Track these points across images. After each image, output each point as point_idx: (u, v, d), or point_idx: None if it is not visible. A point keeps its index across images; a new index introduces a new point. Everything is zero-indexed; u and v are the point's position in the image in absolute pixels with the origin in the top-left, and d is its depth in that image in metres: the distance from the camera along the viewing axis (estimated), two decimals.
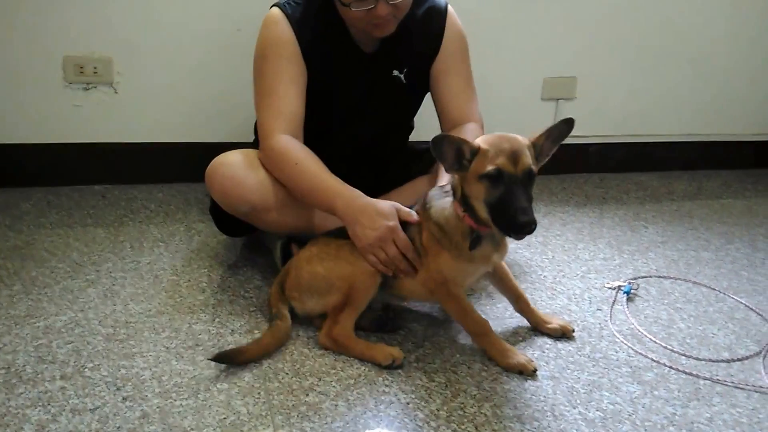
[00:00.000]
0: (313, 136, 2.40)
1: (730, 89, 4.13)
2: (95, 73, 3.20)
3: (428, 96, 2.62)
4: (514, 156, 1.88)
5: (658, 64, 3.94)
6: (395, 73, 2.50)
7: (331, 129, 2.52)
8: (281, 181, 2.28)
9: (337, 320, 2.06)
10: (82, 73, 3.18)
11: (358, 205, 2.11)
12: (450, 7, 2.54)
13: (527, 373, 2.03)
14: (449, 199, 2.05)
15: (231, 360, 1.98)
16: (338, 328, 2.06)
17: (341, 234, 2.16)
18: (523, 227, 1.88)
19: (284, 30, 2.35)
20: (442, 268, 2.06)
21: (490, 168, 1.88)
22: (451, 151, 1.91)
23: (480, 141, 1.94)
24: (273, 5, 2.41)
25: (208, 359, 1.96)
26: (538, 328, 2.28)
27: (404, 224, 2.10)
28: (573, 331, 2.27)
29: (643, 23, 3.83)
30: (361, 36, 2.42)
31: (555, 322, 2.28)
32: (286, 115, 2.31)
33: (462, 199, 1.99)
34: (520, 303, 2.29)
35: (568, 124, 1.98)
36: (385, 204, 2.11)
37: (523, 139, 1.95)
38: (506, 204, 1.88)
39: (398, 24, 2.32)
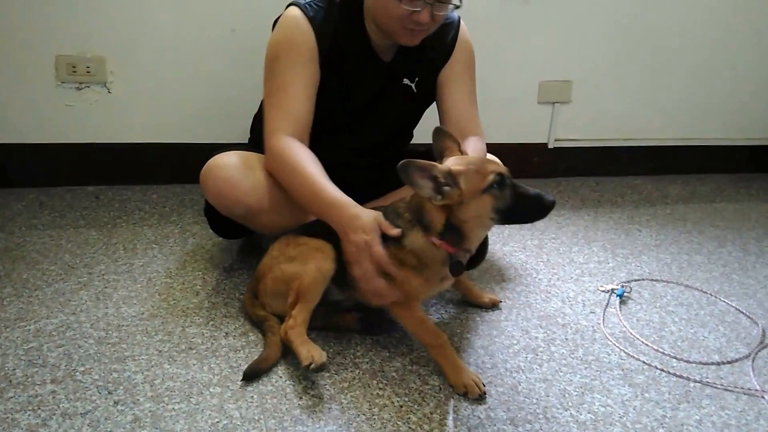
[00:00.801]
0: (318, 137, 2.41)
1: (724, 94, 4.14)
2: (88, 72, 3.19)
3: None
4: (493, 161, 2.01)
5: (653, 68, 3.95)
6: (406, 81, 2.49)
7: (338, 132, 2.51)
8: (279, 182, 2.27)
9: (291, 315, 2.04)
10: (74, 72, 3.18)
11: (346, 216, 2.05)
12: (462, 22, 2.56)
13: (473, 395, 1.95)
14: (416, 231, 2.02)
15: (261, 371, 1.97)
16: (290, 321, 2.02)
17: (310, 229, 2.17)
18: (553, 204, 1.96)
19: (304, 33, 2.32)
20: (409, 289, 2.04)
21: (491, 177, 1.91)
22: (424, 178, 1.91)
23: (451, 165, 1.95)
24: (290, 4, 2.38)
25: (241, 380, 1.94)
26: (471, 301, 2.44)
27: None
28: (500, 302, 2.49)
29: (638, 28, 3.84)
30: (381, 44, 2.42)
31: (486, 297, 2.44)
32: (294, 117, 2.29)
33: (446, 224, 1.98)
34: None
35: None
36: (367, 217, 2.03)
37: None
38: (524, 198, 1.94)
39: None
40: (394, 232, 2.01)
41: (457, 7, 2.28)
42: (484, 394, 1.96)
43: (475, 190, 1.91)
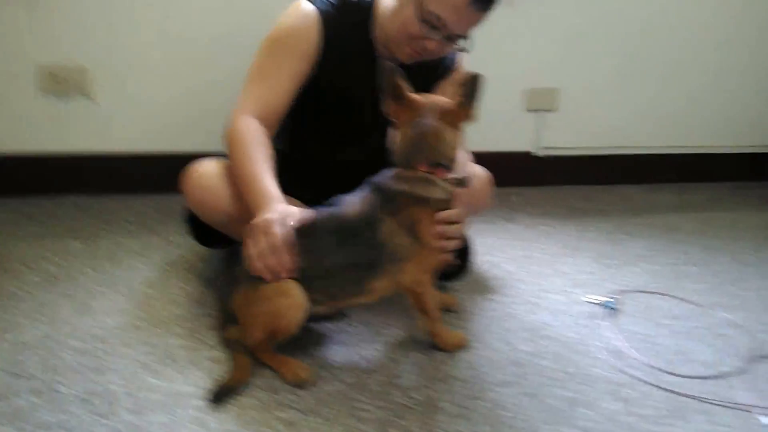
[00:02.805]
0: (319, 140, 2.41)
1: (717, 101, 4.15)
2: (70, 82, 3.19)
3: None
4: None
5: (642, 75, 3.96)
6: None
7: (339, 141, 2.52)
8: (229, 159, 2.27)
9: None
10: (57, 82, 3.17)
11: (265, 207, 2.04)
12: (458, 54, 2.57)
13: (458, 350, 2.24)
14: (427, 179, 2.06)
15: (227, 392, 1.95)
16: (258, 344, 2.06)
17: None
18: None
19: (310, 27, 2.34)
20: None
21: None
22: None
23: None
24: None
25: (210, 400, 1.91)
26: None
27: (376, 214, 2.03)
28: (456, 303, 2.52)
29: (627, 34, 3.86)
30: (387, 55, 2.41)
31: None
32: (266, 104, 2.30)
33: None
34: None
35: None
36: (279, 205, 2.04)
37: None
38: None
39: None
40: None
41: (464, 50, 2.36)
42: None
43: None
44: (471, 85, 2.00)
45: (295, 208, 2.04)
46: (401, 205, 2.02)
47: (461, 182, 2.12)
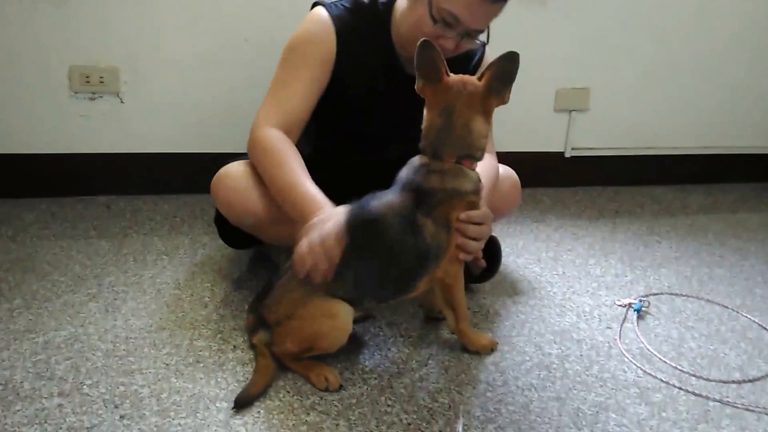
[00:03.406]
0: (337, 144, 2.41)
1: (747, 101, 4.11)
2: (101, 82, 3.21)
3: None
4: None
5: (673, 74, 3.93)
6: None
7: (361, 144, 2.51)
8: (259, 172, 2.27)
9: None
10: (88, 82, 3.19)
11: (317, 213, 2.03)
12: (487, 48, 2.55)
13: (486, 352, 2.24)
14: (456, 170, 2.04)
15: (252, 398, 1.94)
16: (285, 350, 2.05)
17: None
18: None
19: (326, 34, 2.34)
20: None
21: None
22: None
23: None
24: (316, 3, 2.40)
25: (233, 408, 1.90)
26: (431, 313, 2.41)
27: (415, 218, 2.01)
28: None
29: (657, 33, 3.83)
30: (406, 56, 2.42)
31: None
32: (288, 112, 2.30)
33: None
34: None
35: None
36: (332, 209, 2.03)
37: None
38: None
39: None
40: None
41: (484, 44, 2.34)
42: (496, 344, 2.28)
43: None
44: (506, 65, 1.97)
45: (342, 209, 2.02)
46: (435, 203, 2.00)
47: None
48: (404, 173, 2.06)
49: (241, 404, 1.90)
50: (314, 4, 2.41)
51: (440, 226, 2.01)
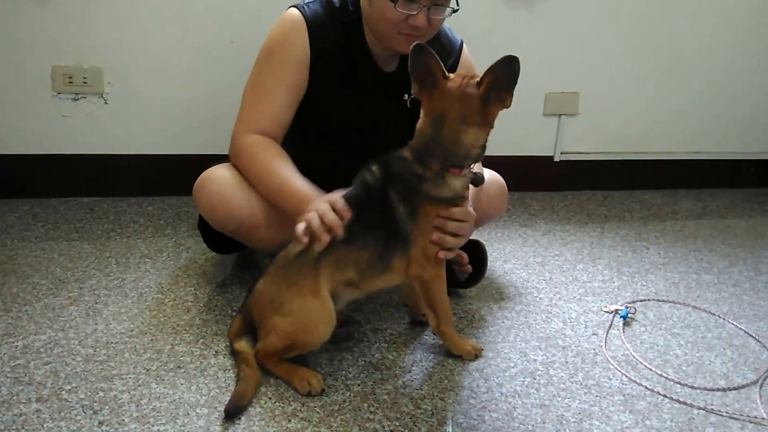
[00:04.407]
0: (314, 147, 2.42)
1: (737, 106, 4.12)
2: (85, 83, 3.21)
3: None
4: None
5: (663, 79, 3.94)
6: (405, 97, 2.48)
7: (344, 144, 2.50)
8: (248, 179, 2.29)
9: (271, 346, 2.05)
10: (71, 83, 3.19)
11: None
12: (465, 45, 2.57)
13: (470, 358, 2.24)
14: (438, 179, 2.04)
15: (242, 407, 1.93)
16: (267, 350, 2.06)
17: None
18: None
19: (299, 34, 2.33)
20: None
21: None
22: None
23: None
24: (291, 6, 2.39)
25: (224, 419, 1.89)
26: (414, 310, 2.40)
27: (389, 196, 2.05)
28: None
29: (647, 38, 3.84)
30: (381, 53, 2.42)
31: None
32: (268, 121, 2.32)
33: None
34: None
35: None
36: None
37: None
38: None
39: None
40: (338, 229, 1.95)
41: (454, 11, 2.28)
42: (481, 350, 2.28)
43: (493, 117, 2.06)
44: (504, 71, 1.96)
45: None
46: (409, 194, 2.03)
47: (475, 180, 2.12)
48: (389, 159, 2.09)
49: (233, 414, 1.89)
50: (290, 6, 2.41)
51: (410, 215, 2.04)
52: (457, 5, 2.27)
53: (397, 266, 2.09)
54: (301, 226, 1.94)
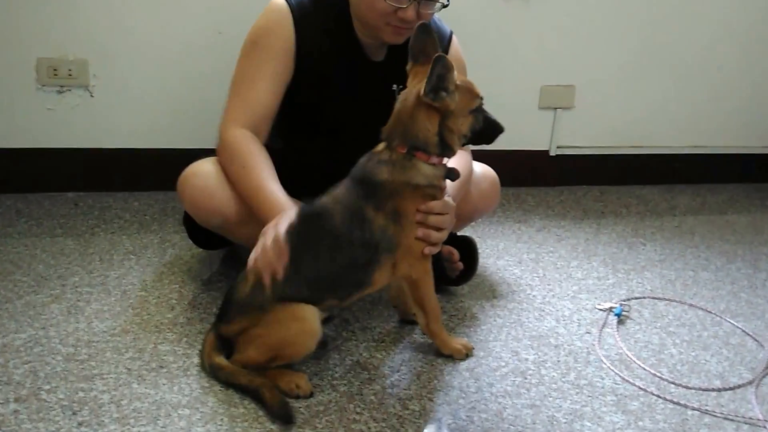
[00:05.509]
0: (299, 137, 2.42)
1: (736, 99, 4.11)
2: (70, 75, 3.19)
3: None
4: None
5: (660, 72, 3.92)
6: (394, 87, 2.45)
7: (332, 135, 2.49)
8: (227, 176, 2.28)
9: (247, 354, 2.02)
10: (56, 75, 3.17)
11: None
12: (454, 36, 2.56)
13: (460, 357, 2.24)
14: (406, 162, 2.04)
15: (288, 410, 1.90)
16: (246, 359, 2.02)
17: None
18: (503, 131, 2.16)
19: (283, 23, 2.32)
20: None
21: (478, 101, 2.08)
22: (438, 73, 1.94)
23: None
24: None
25: (286, 424, 1.88)
26: (403, 309, 2.38)
27: (363, 211, 2.02)
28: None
29: (644, 30, 3.82)
30: (369, 42, 2.41)
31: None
32: (254, 111, 2.30)
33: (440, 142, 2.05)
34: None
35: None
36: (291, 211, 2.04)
37: None
38: (490, 124, 2.12)
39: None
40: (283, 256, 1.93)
41: (444, 6, 2.29)
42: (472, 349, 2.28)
43: (465, 108, 2.04)
44: (434, 69, 1.93)
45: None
46: (385, 196, 2.02)
47: (449, 174, 2.10)
48: (359, 162, 2.09)
49: (289, 417, 1.88)
50: None
51: (391, 219, 2.02)
52: (447, 1, 2.28)
53: (379, 279, 2.09)
54: (251, 261, 1.95)
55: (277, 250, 1.91)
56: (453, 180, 2.15)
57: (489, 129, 2.11)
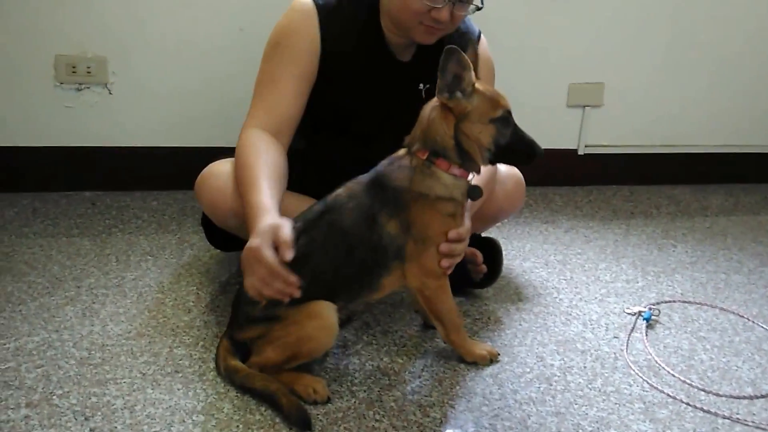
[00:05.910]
0: (324, 136, 2.42)
1: None
2: (89, 73, 3.18)
3: None
4: (505, 97, 2.01)
5: (691, 68, 3.87)
6: (421, 86, 2.44)
7: (350, 140, 2.46)
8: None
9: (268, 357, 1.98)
10: (74, 72, 3.17)
11: (255, 221, 1.94)
12: (483, 36, 2.52)
13: (485, 363, 2.20)
14: (426, 169, 1.99)
15: (305, 414, 1.88)
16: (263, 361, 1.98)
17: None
18: (542, 155, 2.05)
19: (309, 23, 2.30)
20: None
21: (501, 111, 1.97)
22: (455, 70, 1.92)
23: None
24: None
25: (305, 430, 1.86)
26: (428, 320, 2.31)
27: (376, 215, 1.98)
28: None
29: (675, 26, 3.78)
30: (398, 42, 2.38)
31: None
32: (276, 112, 2.27)
33: (458, 149, 1.99)
34: None
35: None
36: (264, 223, 1.89)
37: None
38: (520, 140, 2.02)
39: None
40: (286, 256, 1.82)
41: (478, 8, 2.27)
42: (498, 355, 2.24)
43: (484, 115, 1.96)
44: (446, 64, 1.91)
45: (283, 220, 1.91)
46: (400, 205, 1.98)
47: (472, 192, 2.05)
48: (380, 164, 2.06)
49: (307, 423, 1.86)
50: None
51: (403, 229, 1.99)
52: (482, 3, 2.26)
53: (387, 284, 2.06)
54: (250, 290, 1.88)
55: (281, 278, 1.83)
56: (474, 200, 2.09)
57: (521, 146, 2.02)
